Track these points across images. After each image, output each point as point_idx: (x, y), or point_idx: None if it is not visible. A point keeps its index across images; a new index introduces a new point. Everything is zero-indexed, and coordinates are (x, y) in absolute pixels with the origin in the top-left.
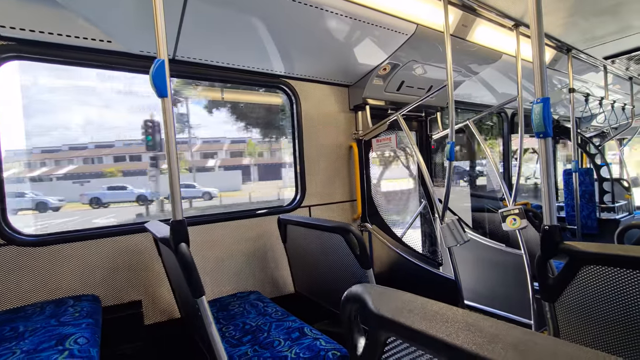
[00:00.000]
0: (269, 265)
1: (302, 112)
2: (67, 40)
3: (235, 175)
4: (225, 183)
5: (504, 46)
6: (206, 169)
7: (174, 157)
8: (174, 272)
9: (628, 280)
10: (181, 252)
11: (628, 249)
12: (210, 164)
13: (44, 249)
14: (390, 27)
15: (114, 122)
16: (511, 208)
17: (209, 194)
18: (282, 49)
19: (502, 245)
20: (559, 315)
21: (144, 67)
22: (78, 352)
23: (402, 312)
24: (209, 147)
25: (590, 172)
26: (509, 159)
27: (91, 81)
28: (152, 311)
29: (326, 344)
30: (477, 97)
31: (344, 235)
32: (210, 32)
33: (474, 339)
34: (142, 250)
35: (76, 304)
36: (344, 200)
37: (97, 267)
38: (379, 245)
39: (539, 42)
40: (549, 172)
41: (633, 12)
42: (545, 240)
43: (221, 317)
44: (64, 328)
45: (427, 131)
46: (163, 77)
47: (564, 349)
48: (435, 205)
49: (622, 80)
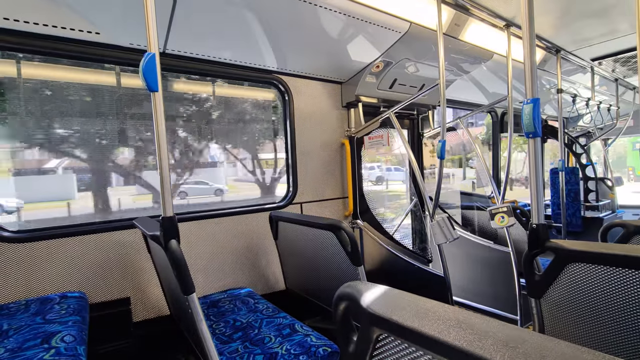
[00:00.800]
0: (260, 262)
1: (294, 108)
2: (52, 31)
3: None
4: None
5: (495, 46)
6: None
7: (164, 152)
8: (163, 268)
9: (611, 278)
10: (171, 249)
11: (611, 247)
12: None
13: (29, 245)
14: (384, 25)
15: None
16: (500, 206)
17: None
18: (275, 44)
19: (491, 243)
20: (544, 311)
21: (134, 61)
22: (65, 350)
23: (394, 310)
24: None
25: (576, 172)
26: (498, 158)
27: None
28: (140, 308)
29: (317, 340)
30: (468, 96)
31: (336, 232)
32: (202, 25)
33: (465, 336)
34: (131, 246)
35: (62, 301)
36: (335, 198)
37: (85, 263)
38: (370, 242)
39: (530, 42)
40: (538, 171)
41: (620, 15)
42: (532, 238)
43: (212, 314)
44: (50, 326)
45: (419, 129)
46: (154, 71)
47: (551, 345)
48: (425, 202)
49: (608, 81)
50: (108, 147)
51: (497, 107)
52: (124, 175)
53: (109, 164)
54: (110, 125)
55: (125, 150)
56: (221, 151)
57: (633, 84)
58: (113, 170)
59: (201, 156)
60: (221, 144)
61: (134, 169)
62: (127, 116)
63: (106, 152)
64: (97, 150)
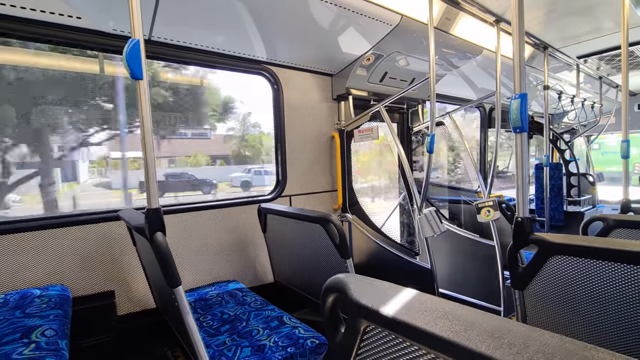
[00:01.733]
0: (248, 254)
1: (284, 100)
2: (30, 14)
3: None
4: None
5: (485, 41)
6: None
7: (150, 142)
8: (149, 261)
9: (591, 270)
10: (157, 241)
11: (592, 240)
12: None
13: (8, 237)
14: (375, 17)
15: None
16: (486, 200)
17: None
18: (264, 34)
19: (477, 236)
20: (527, 302)
21: (117, 47)
22: (45, 345)
23: (382, 301)
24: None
25: (559, 167)
26: (486, 153)
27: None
28: (125, 301)
29: (305, 332)
30: (457, 91)
31: (324, 225)
32: (189, 12)
33: (451, 326)
34: (115, 238)
35: (43, 295)
36: (324, 191)
37: (67, 256)
38: (359, 235)
39: (519, 38)
40: (524, 167)
41: (605, 14)
42: (517, 231)
43: (199, 307)
44: (30, 320)
45: (409, 123)
46: (138, 58)
47: (535, 335)
48: (414, 196)
49: (593, 79)
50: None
51: (485, 103)
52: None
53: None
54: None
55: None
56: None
57: (616, 82)
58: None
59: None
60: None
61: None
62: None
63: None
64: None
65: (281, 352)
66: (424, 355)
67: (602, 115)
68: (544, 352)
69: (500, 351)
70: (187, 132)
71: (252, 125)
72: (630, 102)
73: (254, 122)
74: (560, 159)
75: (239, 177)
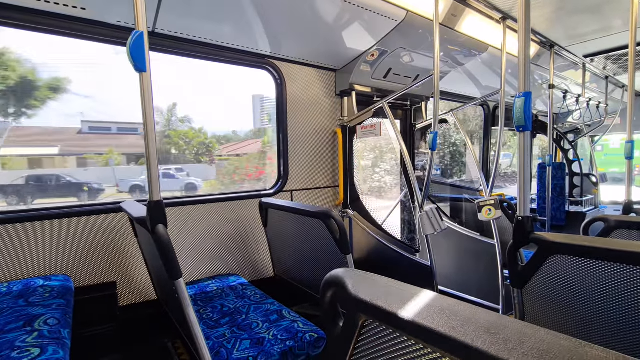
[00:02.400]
0: (249, 248)
1: (287, 94)
2: (34, 4)
3: None
4: None
5: (491, 39)
6: None
7: (153, 136)
8: (150, 253)
9: (591, 270)
10: (158, 233)
11: (592, 240)
12: None
13: (12, 226)
14: (380, 12)
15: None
16: (487, 199)
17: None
18: (269, 28)
19: (477, 235)
20: (525, 301)
21: (121, 39)
22: (48, 333)
23: (380, 296)
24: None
25: (562, 167)
26: (489, 151)
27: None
28: (127, 292)
29: (304, 326)
30: (461, 88)
31: (325, 220)
32: (193, 4)
33: (448, 321)
34: (118, 230)
35: (46, 284)
36: (326, 186)
37: (70, 247)
38: (359, 231)
39: (525, 36)
40: (526, 165)
41: (614, 12)
42: (517, 230)
43: (199, 299)
44: (33, 309)
45: (412, 120)
46: (142, 50)
47: (531, 332)
48: (415, 193)
49: (599, 79)
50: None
51: (489, 101)
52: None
53: None
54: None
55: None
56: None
57: (622, 82)
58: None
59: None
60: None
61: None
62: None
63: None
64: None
65: (280, 345)
66: (421, 350)
67: (608, 115)
68: (538, 349)
69: (496, 347)
70: (112, 125)
71: (180, 120)
72: (636, 103)
73: (182, 117)
74: (564, 158)
75: (128, 181)
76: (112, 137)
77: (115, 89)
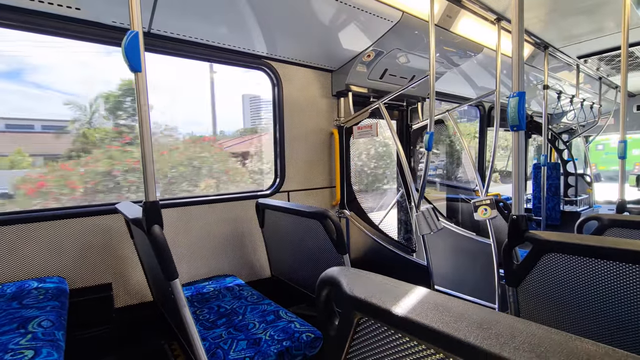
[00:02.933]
0: (246, 249)
1: (283, 95)
2: (28, 4)
3: None
4: None
5: (485, 40)
6: None
7: (148, 136)
8: (146, 254)
9: (585, 268)
10: (154, 234)
11: (586, 238)
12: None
13: (5, 228)
14: (376, 13)
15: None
16: (483, 198)
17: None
18: (265, 29)
19: (473, 234)
20: (520, 299)
21: (116, 39)
22: (42, 336)
23: (375, 293)
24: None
25: (557, 167)
26: (484, 151)
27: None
28: (123, 294)
29: (300, 326)
30: (457, 89)
31: (322, 220)
32: (189, 5)
33: (442, 317)
34: (113, 231)
35: (40, 286)
36: (323, 187)
37: (65, 248)
38: (356, 231)
39: (519, 37)
40: (520, 165)
41: (607, 14)
42: (512, 229)
43: (195, 300)
44: (27, 311)
45: (408, 121)
46: (137, 51)
47: (522, 327)
48: (412, 193)
49: (593, 80)
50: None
51: (484, 102)
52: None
53: None
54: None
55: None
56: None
57: (616, 83)
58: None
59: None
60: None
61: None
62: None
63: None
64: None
65: (276, 345)
66: (415, 346)
67: (601, 115)
68: (530, 342)
69: (488, 341)
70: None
71: (104, 117)
72: (629, 103)
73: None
74: (559, 158)
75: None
76: (25, 136)
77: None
